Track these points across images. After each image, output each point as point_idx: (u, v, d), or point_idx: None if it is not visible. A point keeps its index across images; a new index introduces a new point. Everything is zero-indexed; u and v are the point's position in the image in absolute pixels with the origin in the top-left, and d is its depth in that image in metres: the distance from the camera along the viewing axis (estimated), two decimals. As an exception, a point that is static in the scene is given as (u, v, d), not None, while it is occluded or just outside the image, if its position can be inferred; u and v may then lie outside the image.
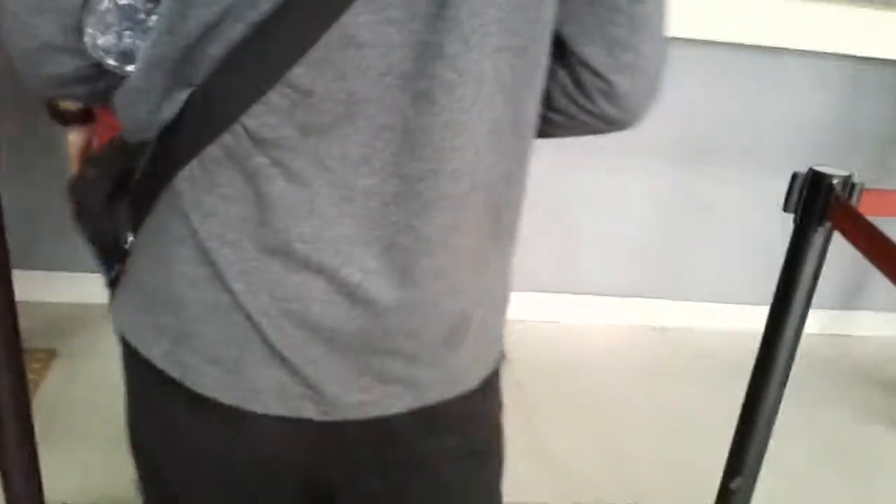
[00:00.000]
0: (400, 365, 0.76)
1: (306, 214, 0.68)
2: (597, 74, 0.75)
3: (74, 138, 1.35)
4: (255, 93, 0.65)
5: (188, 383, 0.74)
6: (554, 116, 0.80)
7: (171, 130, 0.69)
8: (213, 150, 0.67)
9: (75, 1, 0.66)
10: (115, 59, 0.68)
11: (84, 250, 0.86)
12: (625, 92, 0.76)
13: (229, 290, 0.70)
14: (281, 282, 0.70)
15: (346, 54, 0.64)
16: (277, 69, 0.64)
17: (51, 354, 2.31)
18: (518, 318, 2.62)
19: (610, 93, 0.76)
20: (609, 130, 0.82)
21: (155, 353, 0.75)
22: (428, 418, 0.80)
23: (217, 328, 0.72)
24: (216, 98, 0.66)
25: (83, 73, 0.70)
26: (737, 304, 2.78)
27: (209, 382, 0.73)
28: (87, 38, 0.67)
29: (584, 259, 2.75)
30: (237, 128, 0.66)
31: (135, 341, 0.77)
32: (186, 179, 0.69)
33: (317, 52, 0.64)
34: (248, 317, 0.71)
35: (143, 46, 0.66)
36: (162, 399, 0.78)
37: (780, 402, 1.33)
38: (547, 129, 0.80)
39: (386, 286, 0.72)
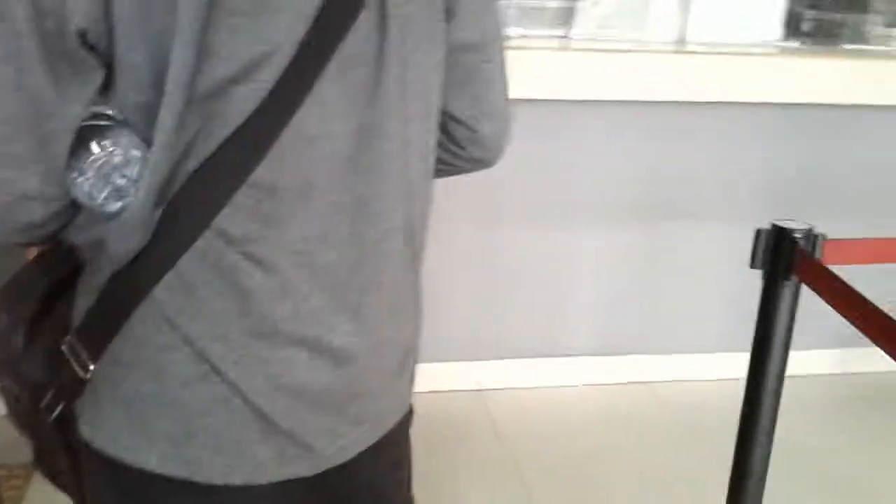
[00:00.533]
0: (368, 404, 0.85)
1: (282, 296, 0.74)
2: (465, 125, 0.91)
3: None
4: (223, 197, 0.70)
5: (196, 478, 0.77)
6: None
7: (144, 250, 0.71)
8: (187, 257, 0.71)
9: (61, 151, 0.68)
10: (104, 200, 0.69)
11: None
12: (488, 135, 0.93)
13: (225, 381, 0.75)
14: (269, 361, 0.76)
15: (300, 149, 0.72)
16: (242, 172, 0.70)
17: (30, 471, 2.26)
18: (505, 386, 2.67)
19: (476, 139, 0.93)
20: (474, 170, 0.99)
21: (152, 459, 0.76)
22: (381, 445, 0.89)
23: (218, 419, 0.76)
24: (187, 209, 0.70)
25: (51, 216, 0.71)
26: (720, 352, 2.79)
27: (219, 471, 0.77)
28: (73, 185, 0.68)
29: (563, 322, 2.75)
30: (208, 232, 0.71)
31: (121, 454, 0.78)
32: (165, 288, 0.72)
33: (274, 151, 0.70)
34: (246, 400, 0.76)
35: (144, 181, 0.68)
36: (160, 502, 0.79)
37: (769, 454, 1.32)
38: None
39: (362, 341, 0.81)
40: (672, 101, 2.43)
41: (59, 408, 0.81)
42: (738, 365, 1.47)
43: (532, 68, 2.15)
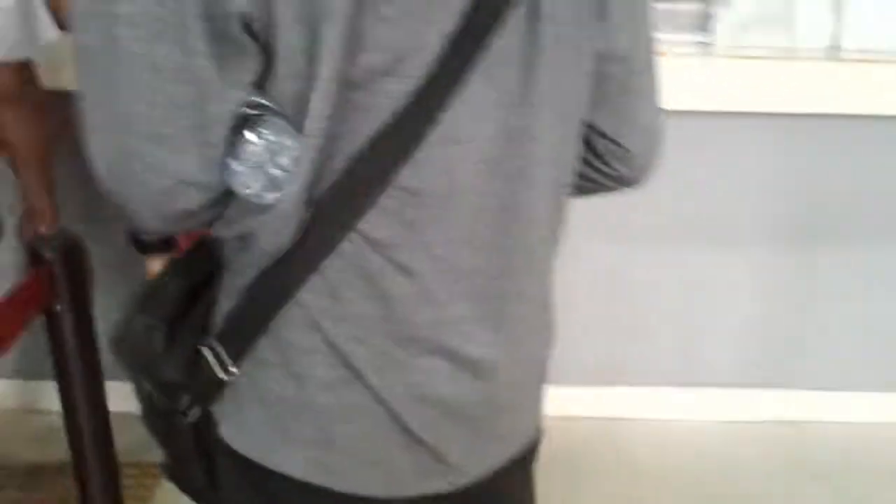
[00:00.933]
0: (506, 420, 0.84)
1: (424, 302, 0.74)
2: (611, 141, 0.86)
3: (156, 268, 1.35)
4: (369, 199, 0.70)
5: (338, 487, 0.76)
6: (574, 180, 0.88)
7: (290, 251, 0.71)
8: (332, 259, 0.72)
9: (220, 136, 0.67)
10: (259, 190, 0.69)
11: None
12: (636, 153, 0.88)
13: (368, 387, 0.75)
14: (410, 369, 0.75)
15: (447, 151, 0.71)
16: (388, 173, 0.70)
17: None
18: (634, 415, 2.53)
19: (623, 156, 0.88)
20: (619, 188, 0.93)
21: (293, 464, 0.77)
22: (514, 464, 0.87)
23: (360, 426, 0.75)
24: (333, 210, 0.70)
25: (207, 204, 0.71)
26: (878, 391, 2.54)
27: (359, 481, 0.77)
28: (229, 173, 0.68)
29: (701, 349, 2.58)
30: (353, 234, 0.71)
31: (262, 457, 0.78)
32: (309, 290, 0.73)
33: (421, 153, 0.70)
34: (388, 409, 0.75)
35: (299, 171, 0.68)
36: None
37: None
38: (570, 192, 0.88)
39: (501, 354, 0.79)
40: (824, 113, 2.24)
41: (197, 411, 0.81)
42: (888, 408, 1.29)
43: (666, 76, 2.03)
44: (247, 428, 0.79)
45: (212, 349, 0.78)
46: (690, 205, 2.42)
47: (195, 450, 0.86)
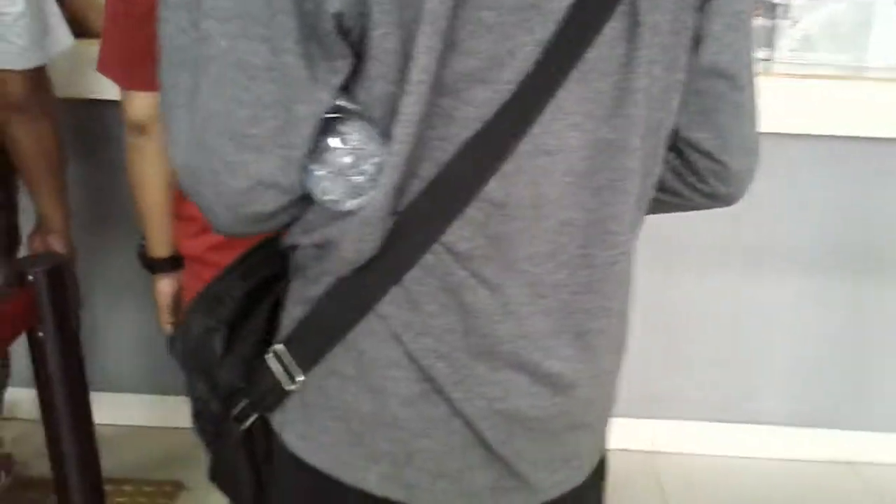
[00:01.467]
0: (583, 437, 0.82)
1: (505, 316, 0.72)
2: (710, 157, 0.83)
3: (164, 287, 1.30)
4: (455, 210, 0.69)
5: (414, 503, 0.75)
6: (663, 196, 0.87)
7: (371, 261, 0.70)
8: (414, 271, 0.70)
9: (304, 138, 0.65)
10: (340, 196, 0.67)
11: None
12: (735, 171, 0.85)
13: (447, 401, 0.73)
14: (489, 383, 0.74)
15: (536, 162, 0.70)
16: (475, 184, 0.68)
17: (177, 487, 2.21)
18: (680, 450, 2.40)
19: (721, 173, 0.84)
20: (711, 206, 0.90)
21: (371, 479, 0.75)
22: (587, 486, 0.85)
23: (439, 441, 0.74)
24: (418, 220, 0.69)
25: (282, 208, 0.69)
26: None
27: (437, 497, 0.75)
28: (309, 177, 0.66)
29: (751, 384, 2.44)
30: (437, 246, 0.70)
31: (335, 470, 0.76)
32: (390, 303, 0.71)
33: (510, 164, 0.69)
34: (467, 423, 0.74)
35: (383, 179, 0.67)
36: None
37: None
38: (653, 207, 0.86)
39: (581, 369, 0.78)
40: (892, 137, 2.11)
41: (253, 418, 0.79)
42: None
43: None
44: (317, 440, 0.77)
45: (278, 357, 0.76)
46: (742, 229, 2.28)
47: (246, 457, 0.83)
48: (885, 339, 2.39)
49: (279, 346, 0.76)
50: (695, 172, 0.85)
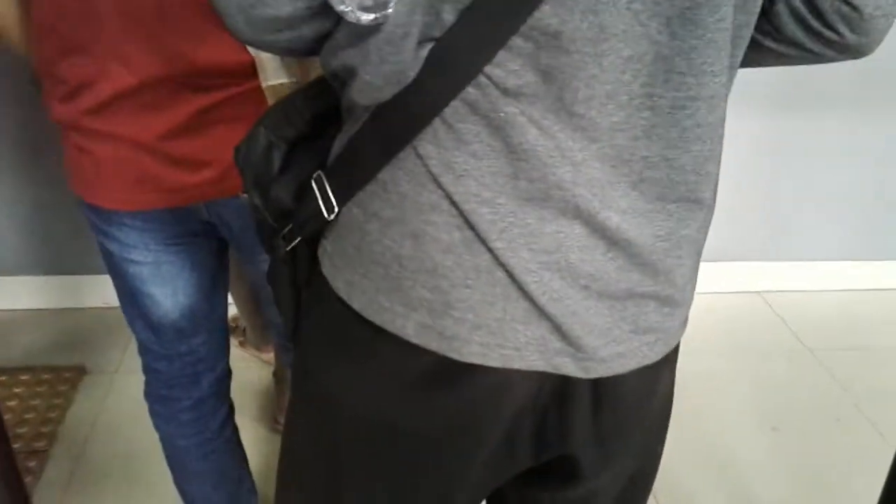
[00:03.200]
0: (654, 310, 0.74)
1: (559, 160, 0.66)
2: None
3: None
4: (500, 38, 0.62)
5: (451, 354, 0.71)
6: (781, 47, 0.76)
7: (407, 91, 0.65)
8: (456, 107, 0.65)
9: None
10: (354, 6, 0.60)
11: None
12: (869, 15, 0.72)
13: (489, 250, 0.68)
14: (537, 234, 0.68)
15: None
16: (524, 9, 0.61)
17: (80, 371, 2.07)
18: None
19: (852, 17, 0.72)
20: (839, 59, 0.77)
21: (408, 327, 0.72)
22: (662, 367, 0.78)
23: (479, 292, 0.70)
24: (459, 49, 0.63)
25: (298, 16, 0.63)
26: None
27: (474, 349, 0.71)
28: None
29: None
30: (481, 79, 0.64)
31: (369, 312, 0.73)
32: (430, 141, 0.67)
33: None
34: (510, 274, 0.69)
35: None
36: (400, 372, 0.74)
37: None
38: (765, 59, 0.77)
39: (642, 224, 0.70)
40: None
41: (296, 241, 0.79)
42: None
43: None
44: (359, 283, 0.74)
45: (320, 183, 0.75)
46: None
47: (289, 276, 0.84)
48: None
49: (321, 174, 0.75)
50: (819, 16, 0.72)
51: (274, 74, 0.98)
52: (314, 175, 0.76)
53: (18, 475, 1.21)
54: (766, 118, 2.30)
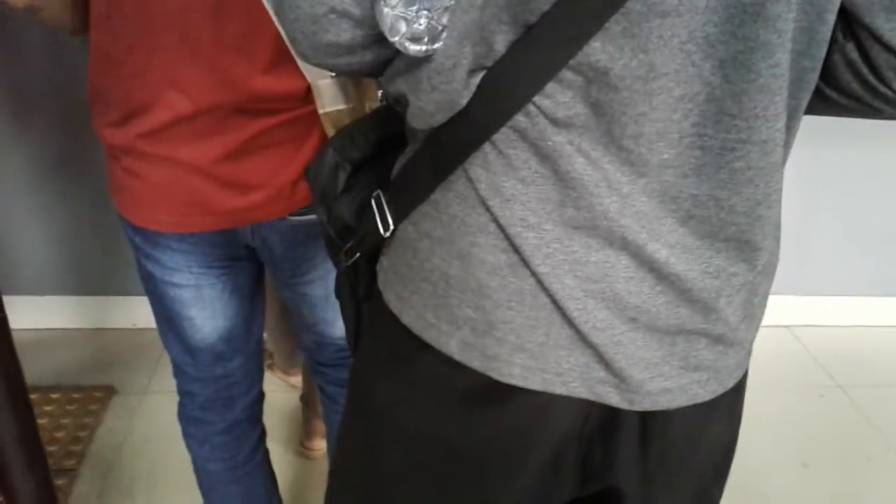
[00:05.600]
0: (705, 348, 0.73)
1: (605, 191, 0.66)
2: (890, 50, 0.67)
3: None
4: (549, 71, 0.63)
5: (492, 374, 0.72)
6: (840, 98, 0.74)
7: (459, 117, 0.67)
8: (506, 133, 0.67)
9: None
10: (405, 38, 0.63)
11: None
12: None
13: (534, 274, 0.69)
14: (582, 262, 0.68)
15: (649, 25, 0.61)
16: (574, 44, 0.62)
17: (109, 392, 2.09)
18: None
19: None
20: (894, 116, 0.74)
21: (452, 345, 0.73)
22: (715, 407, 0.77)
23: (522, 315, 0.70)
24: (509, 79, 0.65)
25: (358, 43, 0.67)
26: None
27: (515, 371, 0.72)
28: (379, 14, 0.63)
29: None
30: (530, 108, 0.65)
31: (417, 327, 0.75)
32: (480, 165, 0.68)
33: (616, 25, 0.61)
34: (554, 300, 0.69)
35: (453, 23, 0.63)
36: (443, 388, 0.76)
37: None
38: (831, 109, 0.75)
39: (690, 260, 0.70)
40: None
41: (356, 257, 0.83)
42: None
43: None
44: (409, 299, 0.76)
45: (378, 201, 0.78)
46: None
47: (349, 290, 0.88)
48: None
49: (380, 192, 0.78)
50: (874, 70, 0.69)
51: (331, 101, 1.00)
52: (374, 194, 0.79)
53: (53, 493, 1.22)
54: (799, 149, 2.27)
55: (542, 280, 0.69)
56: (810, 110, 0.74)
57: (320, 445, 1.88)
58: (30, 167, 2.13)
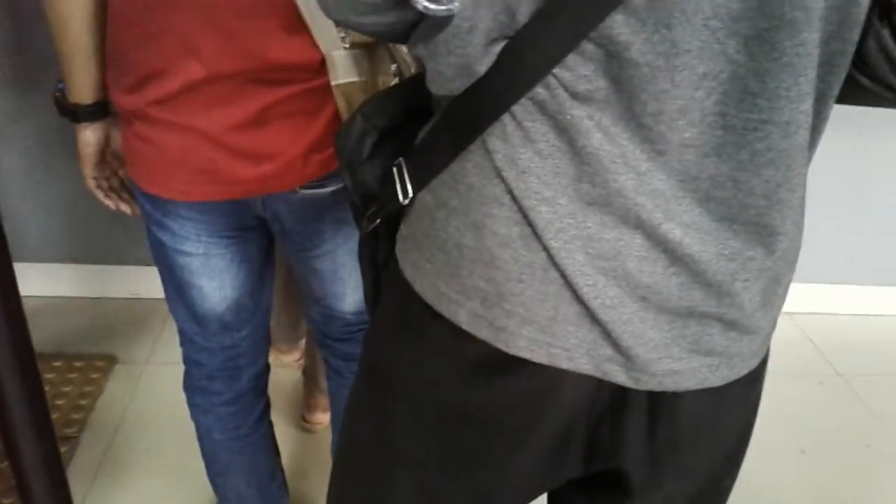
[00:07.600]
0: (718, 333, 0.73)
1: (622, 167, 0.65)
2: None
3: (88, 137, 1.14)
4: (570, 42, 0.63)
5: (499, 345, 0.73)
6: (873, 86, 0.71)
7: (478, 85, 0.67)
8: (525, 105, 0.66)
9: None
10: None
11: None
12: None
13: (545, 249, 0.69)
14: (595, 238, 0.68)
15: (672, 0, 0.59)
16: (596, 16, 0.61)
17: (111, 361, 2.09)
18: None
19: None
20: None
21: (462, 314, 0.74)
22: (727, 394, 0.76)
23: (532, 288, 0.71)
24: (530, 49, 0.64)
25: (380, 2, 0.66)
26: None
27: (522, 343, 0.72)
28: None
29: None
30: (550, 80, 0.65)
31: (434, 301, 0.76)
32: (498, 136, 0.68)
33: None
34: (564, 275, 0.69)
35: None
36: (454, 356, 0.76)
37: None
38: (863, 97, 0.73)
39: (706, 241, 0.69)
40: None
41: (376, 223, 0.84)
42: None
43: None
44: (423, 268, 0.77)
45: (399, 169, 0.78)
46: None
47: (369, 255, 0.89)
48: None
49: (402, 160, 0.78)
50: None
51: (344, 73, 0.99)
52: (396, 161, 0.79)
53: (59, 460, 1.22)
54: (806, 139, 2.29)
55: (554, 254, 0.69)
56: (844, 99, 0.72)
57: (321, 419, 1.88)
58: (34, 135, 2.12)
